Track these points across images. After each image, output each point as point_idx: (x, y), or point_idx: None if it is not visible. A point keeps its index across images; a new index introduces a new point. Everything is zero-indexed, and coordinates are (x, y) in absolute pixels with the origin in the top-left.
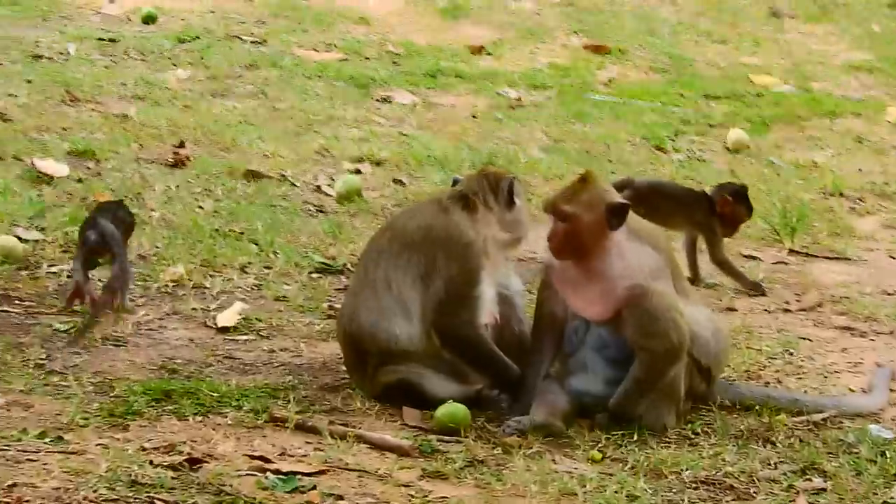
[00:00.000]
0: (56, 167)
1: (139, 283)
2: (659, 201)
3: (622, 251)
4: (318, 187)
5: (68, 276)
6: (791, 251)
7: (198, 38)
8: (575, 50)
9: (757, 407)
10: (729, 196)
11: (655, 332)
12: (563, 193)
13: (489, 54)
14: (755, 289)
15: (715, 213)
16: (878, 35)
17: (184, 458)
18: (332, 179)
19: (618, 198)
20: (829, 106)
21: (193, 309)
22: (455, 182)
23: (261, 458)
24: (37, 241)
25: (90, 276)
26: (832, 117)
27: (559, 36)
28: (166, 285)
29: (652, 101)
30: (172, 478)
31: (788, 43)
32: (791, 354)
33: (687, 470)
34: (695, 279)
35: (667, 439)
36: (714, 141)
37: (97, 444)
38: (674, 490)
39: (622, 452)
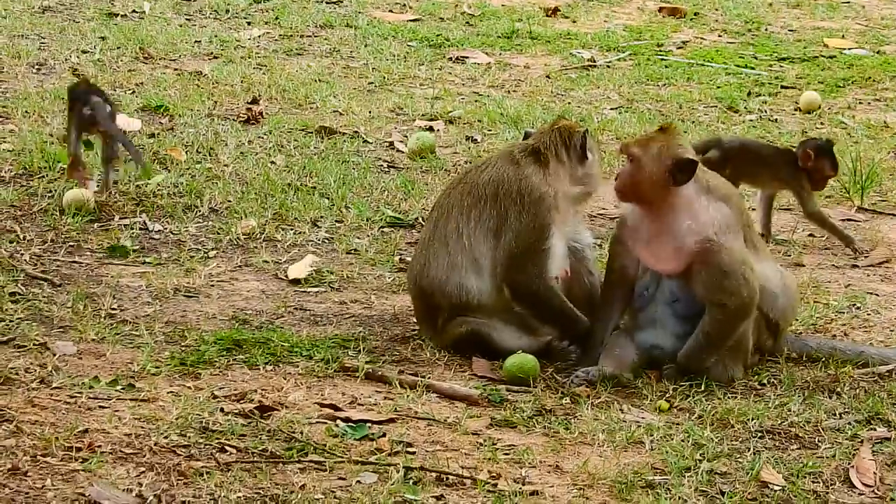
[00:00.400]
0: (129, 122)
1: (212, 235)
2: (746, 160)
3: (692, 206)
4: (391, 144)
5: (141, 229)
6: (860, 208)
7: None
8: (650, 13)
9: (823, 359)
10: (811, 151)
11: (726, 288)
12: (640, 137)
13: (564, 17)
14: (848, 242)
15: (800, 168)
16: None
17: (254, 405)
18: (405, 136)
19: (689, 154)
20: None
21: (265, 261)
22: (527, 135)
23: (331, 406)
24: (109, 194)
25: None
26: None
27: None
28: (238, 238)
29: (725, 64)
30: (243, 425)
31: (863, 6)
32: (858, 309)
33: (753, 420)
34: (767, 235)
35: (733, 390)
36: (786, 102)
37: (168, 392)
38: (739, 439)
39: (689, 403)
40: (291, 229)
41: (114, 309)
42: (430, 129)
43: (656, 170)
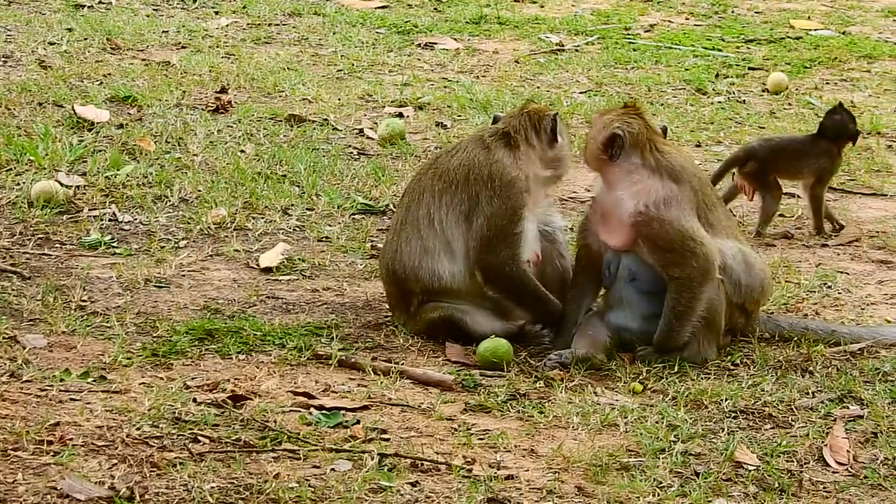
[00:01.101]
0: (97, 113)
1: (182, 225)
2: (784, 159)
3: (632, 180)
4: (361, 131)
5: (111, 220)
6: (829, 188)
7: None
8: None
9: (795, 339)
10: (858, 130)
11: (673, 261)
12: (605, 110)
13: (532, 2)
14: (820, 231)
15: (839, 152)
16: None
17: (227, 395)
18: (375, 123)
19: (622, 130)
20: (868, 49)
21: (236, 250)
22: (496, 119)
23: (304, 394)
24: (78, 185)
25: None
26: (870, 60)
27: None
28: (209, 227)
29: (693, 46)
30: (216, 415)
31: None
32: (829, 288)
33: (726, 400)
34: (834, 223)
35: (706, 371)
36: (754, 83)
37: (140, 383)
38: (713, 420)
39: (663, 384)
40: (262, 218)
41: (84, 301)
42: (400, 115)
43: (596, 143)
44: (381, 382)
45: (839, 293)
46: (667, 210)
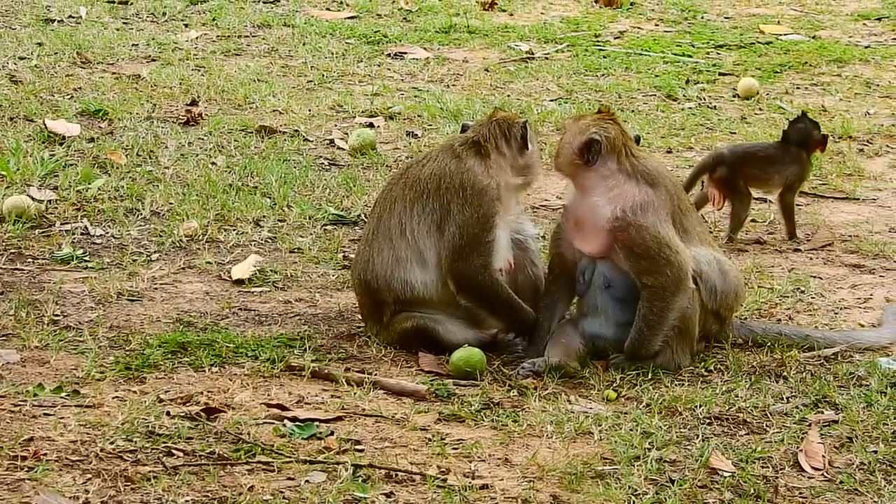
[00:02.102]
0: (68, 127)
1: (154, 238)
2: (753, 168)
3: (608, 186)
4: (332, 142)
5: (83, 234)
6: (801, 193)
7: None
8: (586, 4)
9: (769, 344)
10: (823, 135)
11: (647, 269)
12: (579, 115)
13: (502, 10)
14: (792, 236)
15: (808, 159)
16: None
17: (201, 408)
18: (346, 134)
19: (599, 135)
20: (838, 53)
21: (208, 262)
22: (465, 128)
23: (278, 406)
24: (50, 200)
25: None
26: (840, 64)
27: None
28: (181, 240)
29: (663, 52)
30: (190, 428)
31: None
32: (802, 292)
33: (700, 406)
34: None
35: (680, 378)
36: (724, 88)
37: (113, 397)
38: (688, 426)
39: (637, 391)
40: (234, 230)
41: (57, 315)
42: (371, 125)
43: (572, 149)
44: (355, 393)
45: (812, 298)
46: (644, 216)
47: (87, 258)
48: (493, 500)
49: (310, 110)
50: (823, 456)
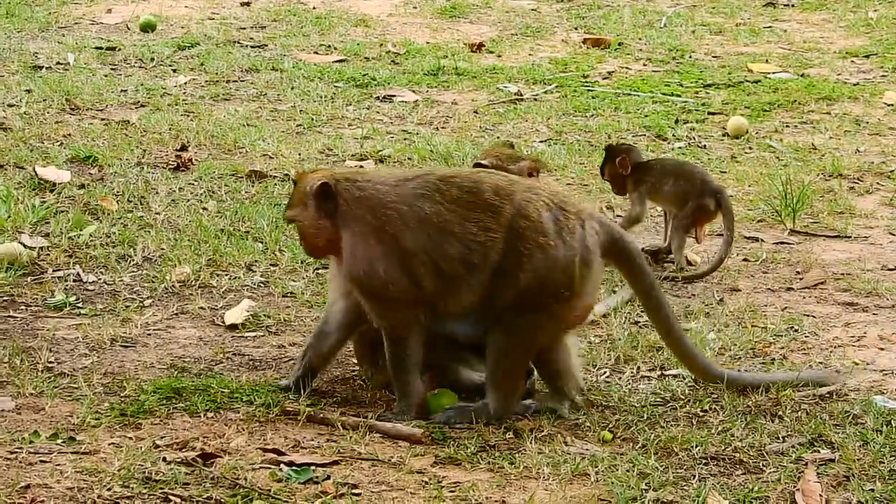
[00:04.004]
0: (58, 174)
1: (146, 284)
2: None
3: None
4: None
5: (75, 281)
6: (792, 231)
7: (197, 44)
8: (574, 45)
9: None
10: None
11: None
12: (288, 202)
13: (489, 52)
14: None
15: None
16: (873, 22)
17: (197, 453)
18: None
19: (322, 179)
20: (827, 91)
21: (201, 308)
22: (477, 167)
23: (274, 450)
24: (41, 247)
25: None
26: (830, 102)
27: (558, 32)
28: (173, 285)
29: (652, 92)
30: (186, 473)
31: (784, 31)
32: (796, 331)
33: (697, 447)
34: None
35: (676, 418)
36: (714, 128)
37: (109, 444)
38: (684, 467)
39: (632, 432)
40: (226, 275)
41: (51, 362)
42: (361, 168)
43: (310, 213)
44: (351, 437)
45: (806, 336)
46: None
47: (79, 305)
48: None
49: (300, 154)
50: (820, 495)
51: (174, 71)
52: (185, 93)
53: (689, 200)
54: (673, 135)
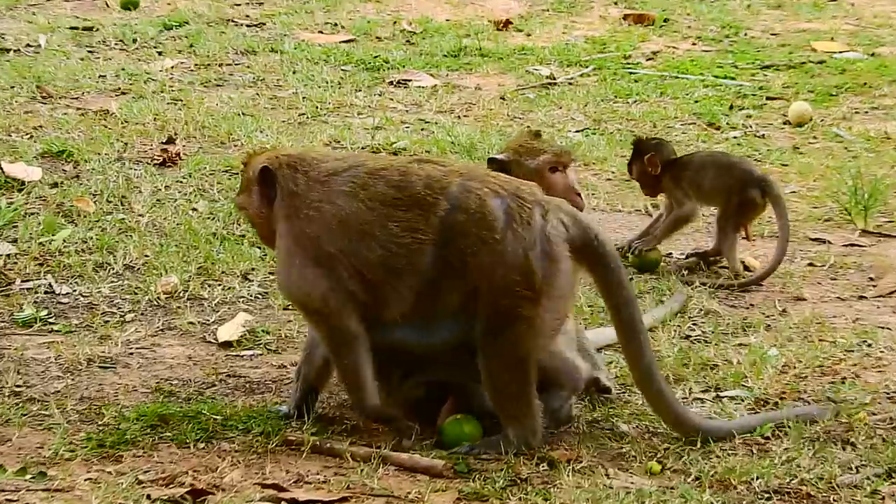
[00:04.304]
0: (28, 171)
1: (128, 296)
2: None
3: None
4: None
5: (47, 292)
6: (864, 232)
7: (186, 23)
8: (613, 21)
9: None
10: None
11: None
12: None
13: (518, 30)
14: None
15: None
16: None
17: (186, 490)
18: None
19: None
20: None
21: (191, 323)
22: (492, 162)
23: (274, 486)
24: (9, 254)
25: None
26: None
27: (596, 7)
28: (159, 298)
29: (702, 75)
30: None
31: (852, 4)
32: (869, 346)
33: (758, 479)
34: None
35: (733, 447)
36: (773, 114)
37: (86, 479)
38: (744, 502)
39: (684, 463)
40: (219, 285)
41: (19, 386)
42: None
43: (255, 199)
44: (362, 470)
45: (881, 352)
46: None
47: (52, 320)
48: None
49: (303, 147)
50: None
51: (159, 53)
52: (171, 78)
53: (731, 194)
54: (727, 123)
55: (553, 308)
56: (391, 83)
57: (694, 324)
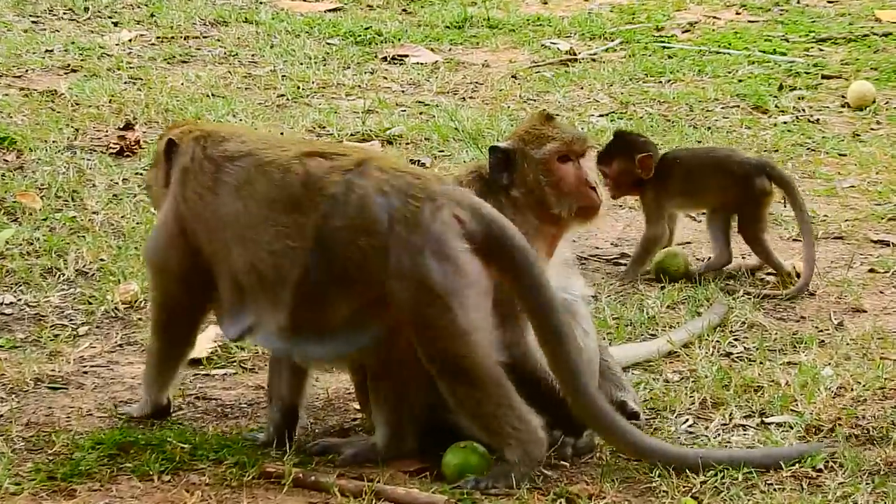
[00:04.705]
0: None
1: (81, 306)
2: None
3: None
4: None
5: None
6: None
7: None
8: None
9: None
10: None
11: None
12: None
13: None
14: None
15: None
16: None
17: None
18: None
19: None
20: None
21: None
22: (494, 151)
23: None
24: None
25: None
26: None
27: None
28: (116, 308)
29: (748, 50)
30: None
31: None
32: None
33: None
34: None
35: (780, 480)
36: (830, 96)
37: None
38: None
39: (723, 499)
40: None
41: None
42: None
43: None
44: None
45: None
46: None
47: None
48: None
49: (282, 133)
50: None
51: (115, 24)
52: (129, 53)
53: (735, 192)
54: (775, 106)
55: (471, 306)
56: (385, 59)
57: (736, 339)
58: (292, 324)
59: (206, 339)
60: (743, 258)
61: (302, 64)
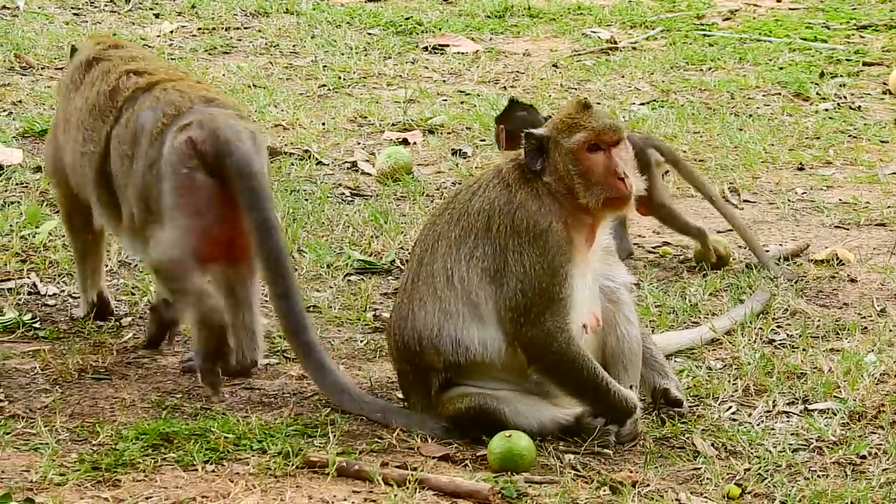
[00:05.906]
0: (6, 153)
1: (124, 297)
2: None
3: None
4: (354, 164)
5: (31, 293)
6: None
7: None
8: None
9: None
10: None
11: None
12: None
13: None
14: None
15: None
16: None
17: None
18: (372, 154)
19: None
20: None
21: None
22: (528, 137)
23: None
24: None
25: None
26: None
27: None
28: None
29: (789, 37)
30: None
31: None
32: None
33: None
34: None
35: (824, 467)
36: (872, 83)
37: None
38: None
39: (767, 486)
40: None
41: (0, 401)
42: (405, 142)
43: None
44: (395, 496)
45: None
46: None
47: (37, 325)
48: None
49: (324, 124)
50: None
51: (156, 16)
52: (171, 44)
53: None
54: (816, 93)
55: (187, 227)
56: (426, 49)
57: (778, 326)
58: (118, 225)
59: None
60: (780, 245)
61: (343, 54)
